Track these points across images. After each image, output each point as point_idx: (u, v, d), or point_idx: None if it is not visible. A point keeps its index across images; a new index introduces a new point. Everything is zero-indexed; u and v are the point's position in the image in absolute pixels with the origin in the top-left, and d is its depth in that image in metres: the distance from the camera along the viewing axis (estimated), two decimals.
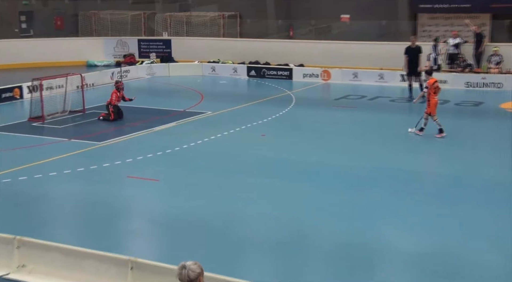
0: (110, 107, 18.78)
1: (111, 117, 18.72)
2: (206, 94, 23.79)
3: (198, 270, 4.71)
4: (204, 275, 4.77)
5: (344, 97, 23.06)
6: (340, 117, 19.18)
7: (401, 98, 22.58)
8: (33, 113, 19.30)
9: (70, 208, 11.75)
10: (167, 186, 12.78)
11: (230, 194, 12.17)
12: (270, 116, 19.38)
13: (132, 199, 12.03)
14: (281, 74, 27.68)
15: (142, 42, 33.07)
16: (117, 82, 19.45)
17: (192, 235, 10.15)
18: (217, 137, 16.79)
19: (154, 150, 15.40)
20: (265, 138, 16.73)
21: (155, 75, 28.88)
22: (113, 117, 18.69)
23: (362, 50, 28.18)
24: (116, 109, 18.89)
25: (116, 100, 18.86)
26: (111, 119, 18.69)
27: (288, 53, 29.67)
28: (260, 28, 32.39)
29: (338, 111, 20.22)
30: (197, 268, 4.72)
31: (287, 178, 13.11)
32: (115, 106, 18.83)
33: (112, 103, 18.79)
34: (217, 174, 13.47)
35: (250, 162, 14.47)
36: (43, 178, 13.21)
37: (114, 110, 18.79)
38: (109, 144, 16.31)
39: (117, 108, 18.92)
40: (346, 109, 20.41)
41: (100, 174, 13.54)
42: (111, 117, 18.72)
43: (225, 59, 30.71)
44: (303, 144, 16.13)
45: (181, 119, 19.12)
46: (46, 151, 15.62)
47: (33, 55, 31.48)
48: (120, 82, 19.42)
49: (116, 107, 18.90)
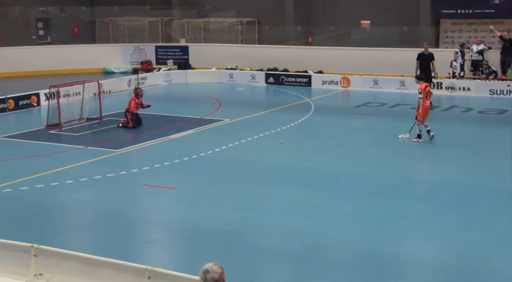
0: (128, 114, 18.91)
1: (130, 125, 18.87)
2: (224, 102, 23.87)
3: (220, 270, 4.82)
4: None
5: (364, 104, 23.00)
6: (360, 125, 19.14)
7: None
8: (50, 121, 19.53)
9: (86, 216, 11.87)
10: (184, 195, 12.85)
11: (248, 203, 12.20)
12: (289, 124, 19.39)
13: (149, 208, 12.11)
14: (299, 81, 27.67)
15: (159, 49, 33.32)
16: (136, 88, 19.61)
17: (209, 245, 10.19)
18: (234, 145, 16.84)
19: (171, 157, 15.48)
20: (284, 147, 16.74)
21: (172, 82, 29.04)
22: (132, 125, 18.86)
23: (382, 56, 28.11)
24: (135, 116, 19.02)
25: (135, 107, 19.02)
26: (130, 127, 18.85)
27: (307, 59, 29.67)
28: (279, 34, 32.47)
29: (358, 119, 20.19)
30: (219, 268, 4.83)
31: (306, 187, 13.12)
32: (133, 114, 18.95)
33: (131, 110, 18.91)
34: (234, 183, 13.51)
35: (268, 171, 14.49)
36: (59, 186, 13.35)
37: (133, 117, 18.91)
38: (126, 151, 16.44)
39: (136, 116, 19.04)
40: (366, 117, 20.36)
41: (117, 182, 13.65)
42: (129, 125, 18.87)
43: (243, 66, 30.79)
44: (322, 152, 16.12)
45: (199, 126, 19.20)
46: (63, 159, 15.79)
47: (50, 62, 31.86)
48: (139, 89, 19.56)
49: (135, 115, 19.02)
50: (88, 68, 32.00)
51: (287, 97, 25.13)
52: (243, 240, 10.36)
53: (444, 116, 20.42)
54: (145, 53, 33.34)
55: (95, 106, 20.96)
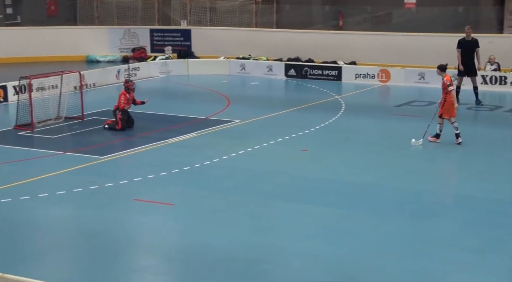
0: (118, 113, 18.88)
1: (119, 126, 18.76)
2: (234, 99, 23.85)
3: None
4: None
5: (407, 103, 22.89)
6: (402, 129, 19.03)
7: (481, 105, 22.33)
8: (20, 120, 19.55)
9: (63, 237, 11.83)
10: (184, 212, 12.82)
11: (263, 224, 12.15)
12: (313, 127, 19.35)
13: (140, 228, 12.08)
14: (327, 74, 27.61)
15: (155, 33, 33.40)
16: (127, 81, 19.44)
17: (214, 276, 10.13)
18: (246, 152, 16.82)
19: (168, 166, 15.46)
20: (307, 154, 16.69)
21: (170, 74, 29.08)
22: (120, 126, 18.78)
23: (431, 44, 27.98)
24: (126, 116, 18.91)
25: (125, 104, 18.99)
26: (118, 128, 18.78)
27: (336, 47, 29.59)
28: (302, 16, 32.43)
29: (399, 121, 20.09)
30: None
31: (334, 205, 13.04)
32: (123, 112, 18.87)
33: (120, 107, 18.85)
34: (246, 198, 13.47)
35: (287, 184, 14.44)
36: (31, 200, 13.33)
37: (123, 117, 18.80)
38: (113, 158, 16.42)
39: (126, 115, 18.95)
40: (409, 119, 20.25)
41: (101, 196, 13.64)
42: (118, 126, 18.78)
43: (258, 55, 30.78)
44: (354, 161, 16.04)
45: (203, 129, 19.18)
46: (35, 167, 15.77)
47: (20, 47, 31.99)
48: (130, 81, 19.44)
49: (126, 114, 18.93)
50: (68, 55, 32.10)
51: (311, 93, 25.04)
52: (257, 269, 10.29)
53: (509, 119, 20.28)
54: (138, 38, 33.42)
55: (75, 103, 20.97)
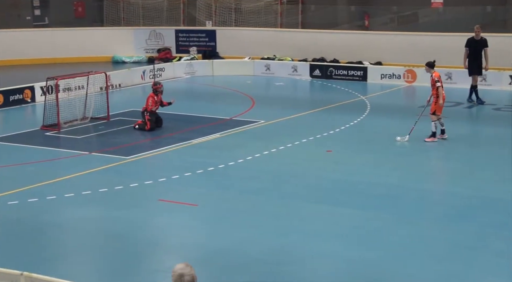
0: (146, 114, 19.14)
1: (147, 127, 19.05)
2: (258, 99, 23.88)
3: (193, 271, 5.47)
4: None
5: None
6: (427, 130, 18.90)
7: (508, 106, 22.12)
8: (47, 121, 19.74)
9: (88, 238, 11.91)
10: (207, 213, 12.84)
11: (288, 225, 12.12)
12: (338, 128, 19.30)
13: (165, 229, 12.13)
14: (352, 74, 27.56)
15: (180, 33, 33.50)
16: (156, 84, 19.82)
17: (239, 277, 10.12)
18: (271, 153, 16.82)
19: (192, 167, 15.50)
20: (332, 155, 16.66)
21: (195, 75, 29.16)
22: (149, 127, 19.03)
23: (458, 44, 27.57)
24: (154, 117, 19.22)
25: (152, 106, 19.22)
26: (147, 129, 19.03)
27: (362, 48, 29.48)
28: (327, 16, 32.34)
29: (425, 122, 19.95)
30: (191, 269, 5.47)
31: (360, 206, 12.98)
32: (152, 113, 19.18)
33: (148, 109, 19.15)
34: (270, 199, 13.46)
35: (312, 185, 14.41)
36: (57, 200, 13.45)
37: (151, 118, 19.12)
38: (138, 158, 16.51)
39: (154, 116, 19.25)
40: None
41: (126, 196, 13.72)
42: (147, 127, 19.05)
43: (283, 55, 30.75)
44: (380, 163, 15.98)
45: (227, 129, 19.24)
46: (61, 167, 15.91)
47: (47, 48, 32.27)
48: (159, 84, 19.80)
49: (154, 115, 19.24)
50: (94, 56, 32.30)
51: (336, 94, 25.00)
52: (282, 271, 10.25)
53: None
54: (163, 38, 33.54)
55: (101, 104, 21.14)
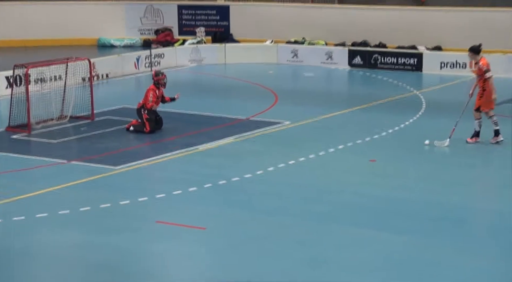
0: (143, 112, 19.11)
1: (147, 129, 19.02)
2: (282, 94, 23.85)
3: None
4: None
5: (509, 100, 22.58)
6: (503, 136, 18.80)
7: None
8: (14, 120, 19.73)
9: (66, 270, 11.84)
10: (218, 239, 12.78)
11: (318, 254, 12.05)
12: (385, 131, 19.22)
13: (163, 258, 12.06)
14: (403, 62, 27.53)
15: (184, 10, 33.52)
16: (158, 74, 19.55)
17: None
18: (298, 162, 16.76)
19: (199, 179, 15.47)
20: (376, 166, 16.61)
21: (203, 63, 29.17)
22: (149, 128, 19.00)
23: None
24: (153, 115, 19.16)
25: (154, 103, 19.18)
26: (146, 131, 19.02)
27: (416, 28, 29.41)
28: None
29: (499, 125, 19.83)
30: None
31: (410, 231, 12.88)
32: (151, 111, 19.10)
33: (147, 106, 19.07)
34: (297, 222, 13.39)
35: (349, 204, 14.35)
36: (26, 222, 13.39)
37: (150, 117, 19.05)
38: (131, 169, 16.48)
39: (154, 115, 19.20)
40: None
41: (115, 217, 13.66)
42: (146, 129, 19.02)
43: (314, 38, 30.72)
44: (436, 176, 15.89)
45: (243, 132, 19.22)
46: (32, 179, 15.89)
47: (15, 28, 32.35)
48: (162, 74, 19.55)
49: (153, 113, 19.18)
50: (74, 38, 32.40)
51: (382, 88, 24.95)
52: None
53: None
54: (162, 16, 33.60)
55: (84, 99, 21.12)
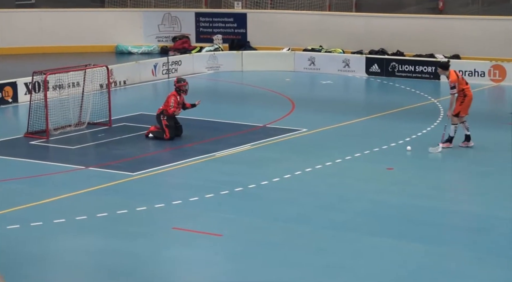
0: (163, 119, 19.20)
1: (166, 135, 19.08)
2: (300, 102, 23.86)
3: None
4: None
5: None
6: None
7: None
8: (33, 126, 19.83)
9: (82, 276, 11.91)
10: (234, 246, 12.81)
11: (335, 262, 12.05)
12: (402, 139, 19.17)
13: (179, 265, 12.11)
14: (421, 71, 27.47)
15: (201, 17, 33.55)
16: (180, 80, 19.62)
17: None
18: (315, 170, 16.77)
19: (216, 186, 15.52)
20: (393, 174, 16.61)
21: (220, 70, 29.18)
22: (169, 135, 19.05)
23: None
24: (173, 122, 19.23)
25: (175, 109, 19.24)
26: (165, 138, 19.08)
27: (434, 36, 29.31)
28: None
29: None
30: None
31: (430, 240, 12.85)
32: (170, 118, 19.16)
33: (169, 112, 19.12)
34: (314, 230, 13.39)
35: (367, 212, 14.35)
36: (44, 227, 13.46)
37: (170, 123, 19.13)
38: (147, 175, 16.53)
39: (173, 121, 19.28)
40: None
41: (132, 223, 13.72)
42: (166, 135, 19.08)
43: (331, 46, 30.67)
44: (455, 184, 15.90)
45: (260, 140, 19.24)
46: (50, 185, 15.97)
47: (34, 35, 32.46)
48: (184, 81, 19.60)
49: (173, 120, 19.24)
50: (93, 45, 32.49)
51: (400, 96, 24.89)
52: None
53: None
54: (180, 24, 33.64)
55: (101, 105, 21.21)
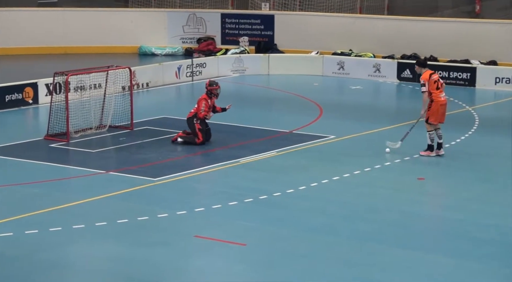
0: (196, 122, 19.23)
1: (198, 139, 19.08)
2: (328, 107, 23.79)
3: None
4: None
5: None
6: None
7: None
8: (53, 128, 19.90)
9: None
10: (258, 255, 12.75)
11: (362, 275, 11.98)
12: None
13: (201, 274, 12.07)
14: (456, 77, 27.36)
15: (227, 18, 33.55)
16: (212, 84, 19.59)
17: None
18: (343, 178, 16.70)
19: (240, 194, 15.49)
20: (424, 185, 16.54)
21: (245, 73, 29.17)
22: (201, 139, 19.05)
23: None
24: (205, 126, 19.28)
25: (206, 112, 19.21)
26: (197, 143, 19.08)
27: (470, 41, 29.15)
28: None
29: None
30: None
31: (461, 254, 12.74)
32: (203, 122, 19.19)
33: (200, 116, 19.16)
34: (341, 241, 13.34)
35: (396, 223, 14.27)
36: (62, 233, 13.49)
37: (202, 127, 19.16)
38: (169, 181, 16.53)
39: (205, 125, 19.32)
40: None
41: (153, 230, 13.71)
42: (197, 140, 19.07)
43: (362, 50, 30.58)
44: (489, 196, 15.76)
45: (286, 146, 19.19)
46: (69, 189, 16.02)
47: (56, 35, 32.56)
48: (216, 85, 19.58)
49: (205, 124, 19.29)
50: (115, 46, 32.57)
51: None
52: None
53: None
54: (205, 25, 33.65)
55: (123, 108, 21.25)
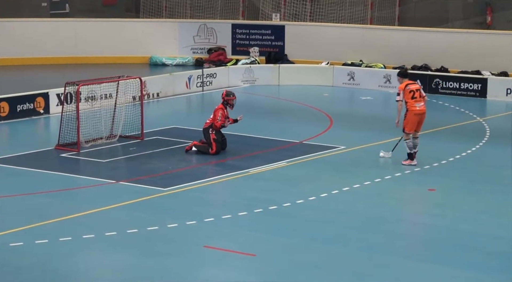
0: (211, 132, 19.33)
1: (213, 150, 19.19)
2: (338, 118, 23.84)
3: None
4: None
5: None
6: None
7: None
8: (64, 138, 19.95)
9: None
10: (268, 266, 12.78)
11: None
12: (445, 159, 19.12)
13: None
14: (467, 88, 27.33)
15: (238, 29, 33.57)
16: (229, 94, 19.74)
17: None
18: (352, 189, 16.73)
19: (250, 204, 15.53)
20: (435, 196, 16.52)
21: (256, 84, 29.19)
22: (215, 149, 19.16)
23: None
24: (220, 136, 19.38)
25: (222, 122, 19.27)
26: (211, 153, 19.20)
27: (481, 52, 29.13)
28: (434, 9, 32.11)
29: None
30: None
31: (473, 267, 12.75)
32: (218, 132, 19.31)
33: (217, 125, 19.28)
34: (351, 252, 13.35)
35: (408, 235, 14.29)
36: (72, 243, 13.54)
37: (218, 138, 19.28)
38: (179, 191, 16.58)
39: (220, 135, 19.42)
40: None
41: (162, 240, 13.75)
42: (212, 150, 19.20)
43: (372, 60, 30.57)
44: (501, 208, 15.75)
45: (296, 156, 19.26)
46: (79, 199, 16.08)
47: (67, 45, 32.60)
48: (232, 95, 19.75)
49: (220, 134, 19.40)
50: (126, 56, 32.62)
51: (443, 114, 24.82)
52: None
53: None
54: (216, 35, 33.70)
55: (134, 118, 21.32)
